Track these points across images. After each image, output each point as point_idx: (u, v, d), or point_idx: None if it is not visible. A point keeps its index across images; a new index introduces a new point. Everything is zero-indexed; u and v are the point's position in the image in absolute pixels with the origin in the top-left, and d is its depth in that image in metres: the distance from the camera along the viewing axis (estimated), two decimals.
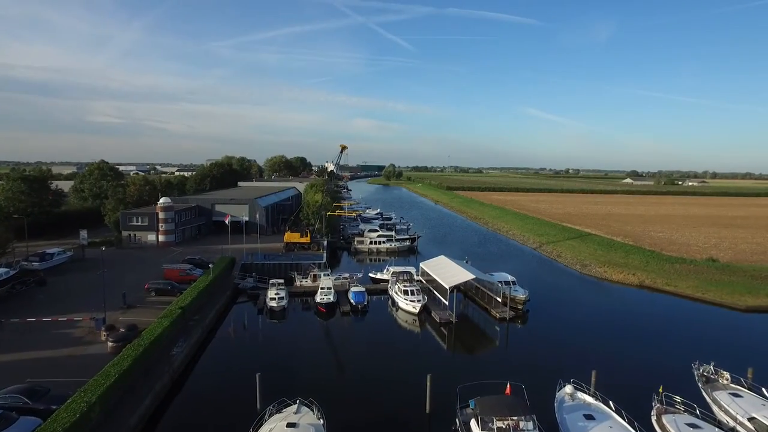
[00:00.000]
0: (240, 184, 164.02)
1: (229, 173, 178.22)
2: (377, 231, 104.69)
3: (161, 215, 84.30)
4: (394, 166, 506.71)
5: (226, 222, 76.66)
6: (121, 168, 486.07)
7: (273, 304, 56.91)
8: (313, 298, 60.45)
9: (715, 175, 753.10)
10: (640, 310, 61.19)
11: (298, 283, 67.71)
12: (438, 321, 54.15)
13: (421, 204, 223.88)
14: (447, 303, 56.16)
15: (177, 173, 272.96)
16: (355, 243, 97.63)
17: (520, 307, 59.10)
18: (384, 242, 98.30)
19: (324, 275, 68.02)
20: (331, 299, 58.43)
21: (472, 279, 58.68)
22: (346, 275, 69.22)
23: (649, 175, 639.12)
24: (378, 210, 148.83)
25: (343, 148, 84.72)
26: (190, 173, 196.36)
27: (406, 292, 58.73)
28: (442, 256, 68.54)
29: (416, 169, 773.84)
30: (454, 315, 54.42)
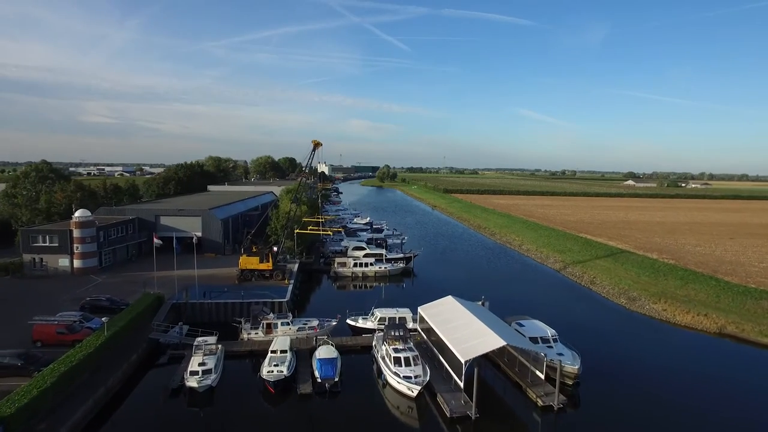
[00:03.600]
0: (210, 188, 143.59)
1: (200, 176, 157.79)
2: (364, 248, 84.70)
3: (77, 233, 63.85)
4: (388, 167, 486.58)
5: (155, 243, 56.44)
6: (108, 169, 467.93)
7: (193, 383, 36.78)
8: (264, 361, 40.47)
9: (712, 177, 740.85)
10: (750, 386, 41.62)
11: (244, 336, 47.62)
12: (448, 414, 34.37)
13: (416, 209, 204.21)
14: (461, 383, 36.25)
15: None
16: (336, 265, 77.53)
17: (570, 382, 39.40)
18: (372, 264, 78.28)
19: (282, 324, 48.07)
20: (284, 372, 38.36)
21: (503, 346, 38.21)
22: (314, 323, 49.28)
23: (646, 177, 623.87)
24: (368, 219, 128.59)
25: (316, 144, 64.86)
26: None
27: (398, 362, 38.84)
28: (450, 298, 48.69)
29: (411, 170, 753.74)
30: (473, 404, 34.58)
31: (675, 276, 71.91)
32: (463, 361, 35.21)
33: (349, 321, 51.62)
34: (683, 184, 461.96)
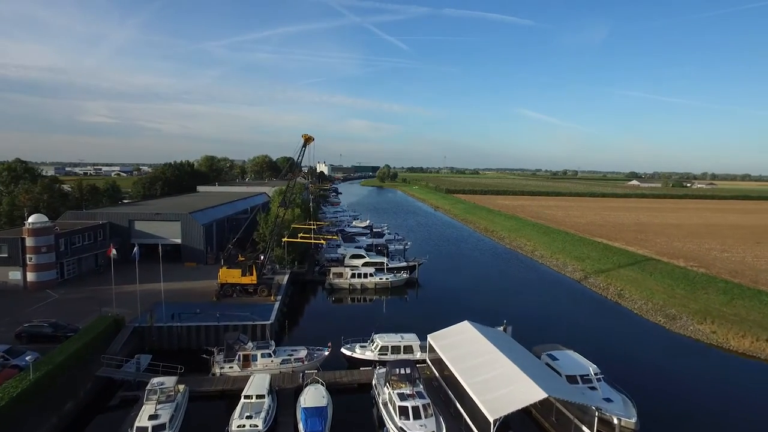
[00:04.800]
0: (200, 188, 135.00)
1: (190, 175, 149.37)
2: (363, 256, 76.21)
3: (30, 242, 55.35)
4: (388, 167, 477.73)
5: (110, 255, 47.70)
6: (105, 169, 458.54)
7: None
8: (235, 410, 32.00)
9: (714, 177, 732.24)
10: None
11: (216, 371, 39.16)
12: None
13: (418, 210, 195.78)
14: None
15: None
16: (331, 276, 69.05)
17: None
18: (372, 274, 69.73)
19: (262, 355, 39.64)
20: (259, 427, 29.89)
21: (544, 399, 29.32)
22: (302, 354, 40.82)
23: (648, 177, 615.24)
24: (367, 222, 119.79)
25: (307, 139, 56.42)
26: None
27: (405, 412, 30.39)
28: (466, 324, 40.26)
29: (411, 170, 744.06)
30: None
31: (715, 289, 63.42)
32: (491, 420, 26.76)
33: (344, 350, 43.01)
34: (688, 185, 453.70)
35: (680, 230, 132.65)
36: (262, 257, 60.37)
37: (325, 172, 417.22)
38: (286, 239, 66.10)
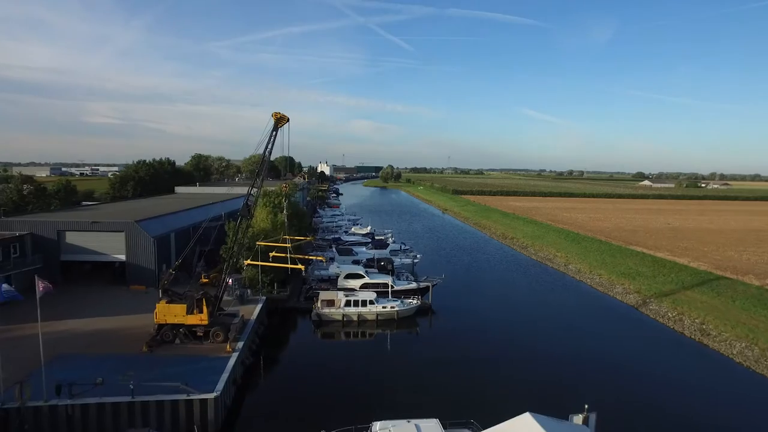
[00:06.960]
0: (179, 189, 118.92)
1: (170, 175, 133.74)
2: (361, 276, 60.00)
3: None
4: (392, 167, 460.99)
5: None
6: (102, 169, 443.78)
7: None
8: None
9: (723, 177, 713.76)
10: None
11: None
12: None
13: (424, 212, 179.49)
14: None
15: None
16: (319, 304, 52.74)
17: None
18: (373, 301, 53.42)
19: None
20: None
21: None
22: None
23: (654, 177, 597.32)
24: (369, 228, 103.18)
25: (279, 119, 40.36)
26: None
27: None
28: (528, 417, 23.58)
29: (415, 170, 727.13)
30: None
31: None
32: None
33: None
34: (703, 185, 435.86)
35: (724, 236, 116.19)
36: (228, 280, 44.63)
37: (327, 172, 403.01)
38: (248, 262, 49.71)
